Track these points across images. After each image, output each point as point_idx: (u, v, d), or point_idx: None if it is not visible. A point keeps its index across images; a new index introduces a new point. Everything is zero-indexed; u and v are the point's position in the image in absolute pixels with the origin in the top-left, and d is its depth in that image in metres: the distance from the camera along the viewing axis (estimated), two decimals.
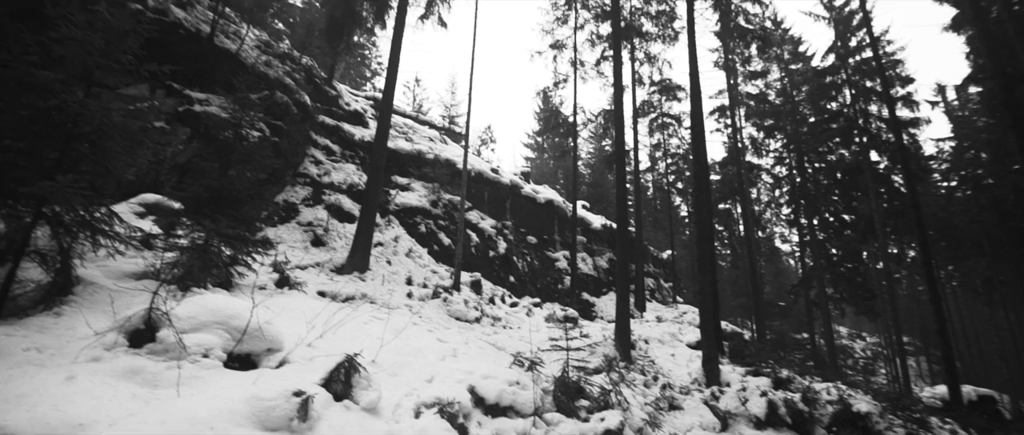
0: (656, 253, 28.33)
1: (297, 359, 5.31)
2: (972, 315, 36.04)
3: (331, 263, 12.43)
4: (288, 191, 14.95)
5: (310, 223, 14.16)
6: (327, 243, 13.72)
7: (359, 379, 4.87)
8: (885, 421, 8.62)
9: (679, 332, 15.36)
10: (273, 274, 9.81)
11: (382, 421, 4.67)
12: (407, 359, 6.61)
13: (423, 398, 5.42)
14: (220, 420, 3.53)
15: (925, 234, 17.50)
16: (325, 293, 9.98)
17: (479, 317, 12.07)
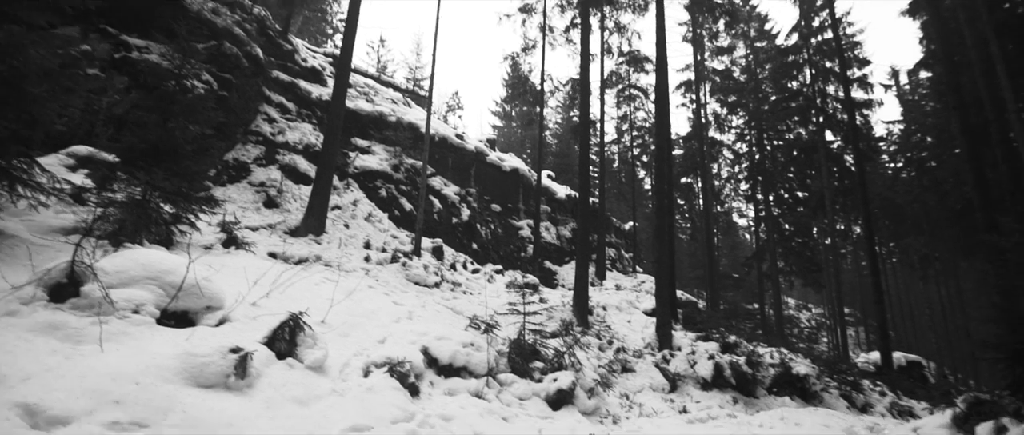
0: (619, 224, 28.81)
1: (239, 318, 5.10)
2: (908, 289, 38.60)
3: (285, 225, 12.01)
4: (239, 149, 14.24)
5: (263, 183, 13.58)
6: (281, 205, 13.23)
7: (305, 338, 4.73)
8: (821, 383, 9.15)
9: (636, 300, 15.76)
10: (220, 234, 9.39)
11: (328, 379, 4.56)
12: (359, 320, 6.49)
13: (373, 358, 5.33)
14: (147, 375, 3.34)
15: (870, 211, 18.39)
16: (276, 255, 9.65)
17: (439, 282, 12.00)
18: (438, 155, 19.74)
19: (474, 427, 4.82)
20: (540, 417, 6.06)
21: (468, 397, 5.69)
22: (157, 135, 7.92)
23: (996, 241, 5.17)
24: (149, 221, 7.14)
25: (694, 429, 5.89)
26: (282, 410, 3.76)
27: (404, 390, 5.04)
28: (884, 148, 35.06)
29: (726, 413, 7.50)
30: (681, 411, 7.73)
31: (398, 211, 16.43)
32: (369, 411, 4.23)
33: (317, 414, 3.89)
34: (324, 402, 4.11)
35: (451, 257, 15.55)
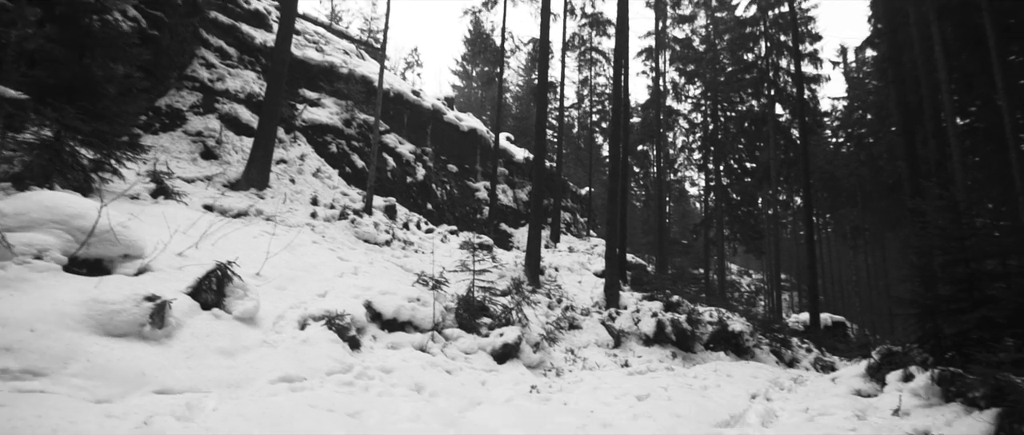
0: (575, 189, 29.08)
1: (162, 268, 4.76)
2: (839, 257, 41.41)
3: (224, 178, 11.32)
4: (173, 96, 13.19)
5: (200, 133, 12.69)
6: (220, 156, 12.44)
7: (234, 288, 4.48)
8: (754, 339, 9.70)
9: (588, 262, 16.08)
10: (149, 184, 8.76)
11: (259, 331, 4.37)
12: (299, 274, 6.24)
13: (311, 311, 5.15)
14: (45, 322, 3.05)
15: (810, 183, 19.33)
16: (213, 207, 9.10)
17: (390, 240, 11.76)
18: (393, 112, 19.05)
19: (415, 378, 4.78)
20: (485, 370, 6.11)
21: (412, 351, 5.64)
22: (72, 72, 7.18)
23: (920, 204, 5.49)
24: (63, 165, 6.51)
25: (633, 380, 6.11)
26: (204, 360, 3.56)
27: (343, 343, 4.92)
28: (828, 123, 36.73)
29: (665, 366, 7.83)
30: (623, 365, 8.01)
31: (349, 168, 15.85)
32: (302, 362, 4.09)
33: (244, 365, 3.71)
34: (253, 353, 3.93)
35: (404, 216, 15.24)
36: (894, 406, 4.42)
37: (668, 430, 4.05)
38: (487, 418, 4.04)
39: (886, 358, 5.48)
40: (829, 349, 12.97)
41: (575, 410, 4.62)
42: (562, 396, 5.37)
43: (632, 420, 4.25)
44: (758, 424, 4.56)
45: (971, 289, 4.82)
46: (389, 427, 3.27)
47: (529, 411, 4.33)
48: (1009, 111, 11.51)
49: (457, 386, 4.98)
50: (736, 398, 5.42)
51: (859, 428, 3.82)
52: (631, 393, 5.15)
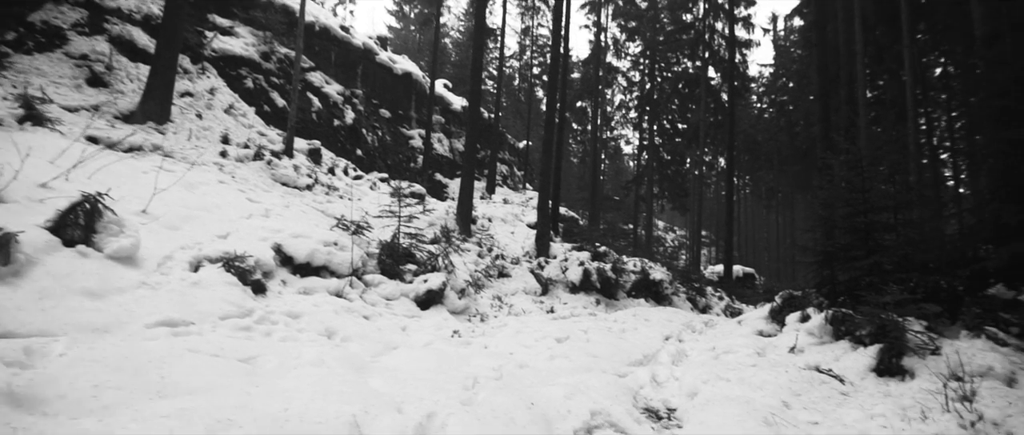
0: (513, 142, 28.82)
1: (19, 199, 4.05)
2: (754, 215, 44.71)
3: (115, 108, 9.96)
4: (51, 10, 11.25)
5: (85, 56, 10.99)
6: (111, 84, 10.90)
7: (106, 224, 3.89)
8: (673, 287, 10.19)
9: (522, 214, 16.10)
10: (17, 109, 7.50)
11: (139, 271, 3.86)
12: (198, 214, 5.62)
13: (207, 252, 4.65)
14: None
15: (734, 144, 20.27)
16: (98, 139, 7.98)
17: (312, 185, 11.02)
18: (319, 48, 17.56)
19: (327, 324, 4.49)
20: (407, 316, 5.92)
21: (326, 296, 5.30)
22: None
23: (830, 158, 5.77)
24: None
25: (556, 324, 6.18)
26: (63, 302, 3.07)
27: (245, 287, 4.50)
28: (755, 89, 38.59)
29: (588, 312, 8.04)
30: (549, 311, 8.12)
31: (268, 106, 14.55)
32: (191, 306, 3.67)
33: (115, 308, 3.25)
34: (127, 296, 3.46)
35: (330, 161, 14.35)
36: (791, 344, 4.74)
37: (583, 369, 4.09)
38: (401, 362, 3.87)
39: (787, 302, 5.87)
40: (739, 297, 14.01)
41: (495, 353, 4.56)
42: (484, 340, 5.32)
43: (549, 361, 4.25)
44: (669, 363, 4.73)
45: (867, 239, 5.18)
46: (287, 373, 3.00)
47: (447, 354, 4.21)
48: (912, 86, 12.47)
49: (373, 331, 4.76)
50: (651, 340, 5.62)
51: (759, 364, 4.04)
52: (551, 336, 5.18)
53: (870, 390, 3.48)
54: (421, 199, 14.67)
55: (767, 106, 38.90)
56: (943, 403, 2.86)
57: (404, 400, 2.54)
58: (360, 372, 3.32)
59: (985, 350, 3.46)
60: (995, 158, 4.03)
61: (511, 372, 3.75)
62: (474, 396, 2.79)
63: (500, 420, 2.44)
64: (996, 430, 2.57)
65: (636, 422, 2.98)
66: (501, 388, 3.02)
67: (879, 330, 3.98)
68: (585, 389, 3.30)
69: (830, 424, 2.82)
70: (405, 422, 2.23)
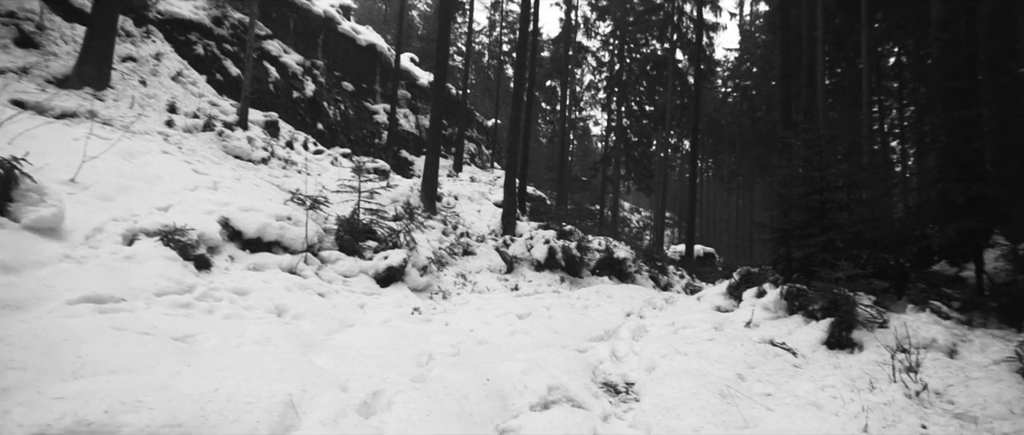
0: (482, 119, 28.43)
1: None
2: (715, 197, 45.99)
3: (47, 72, 9.16)
4: None
5: (12, 14, 10.02)
6: (42, 45, 10.00)
7: (24, 192, 3.53)
8: (636, 266, 10.32)
9: (489, 192, 15.93)
10: None
11: (62, 244, 3.53)
12: (136, 184, 5.22)
13: (144, 225, 4.32)
14: None
15: (698, 126, 20.59)
16: (25, 104, 7.32)
17: (268, 158, 10.52)
18: (277, 14, 16.66)
19: (277, 301, 4.27)
20: (365, 293, 5.73)
21: (278, 273, 5.06)
22: None
23: (787, 136, 5.85)
24: None
25: (519, 301, 6.13)
26: None
27: (186, 262, 4.21)
28: (720, 73, 39.29)
29: (552, 289, 8.03)
30: (513, 288, 8.08)
31: (221, 75, 13.75)
32: (122, 282, 3.39)
33: (32, 282, 2.96)
34: (47, 269, 3.15)
35: (289, 135, 13.75)
36: (746, 319, 4.83)
37: (544, 345, 4.04)
38: (355, 339, 3.71)
39: (744, 278, 5.99)
40: (699, 276, 14.38)
41: (455, 330, 4.46)
42: (445, 317, 5.21)
43: (509, 337, 4.18)
44: (629, 338, 4.75)
45: (821, 217, 5.30)
46: (227, 352, 2.80)
47: (404, 331, 4.08)
48: (867, 73, 12.86)
49: (328, 309, 4.57)
50: (612, 316, 5.64)
51: (715, 338, 4.09)
52: (513, 313, 5.12)
53: (821, 362, 3.56)
54: (385, 176, 14.30)
55: (731, 90, 39.73)
56: (890, 374, 2.94)
57: (351, 378, 2.40)
58: (308, 350, 3.16)
59: (929, 323, 3.59)
60: (947, 137, 4.15)
61: (469, 349, 3.65)
62: (427, 373, 2.68)
63: (452, 397, 2.34)
64: (938, 399, 2.65)
65: (594, 396, 2.94)
66: (457, 364, 2.91)
67: (831, 305, 4.08)
68: (544, 364, 3.24)
69: (782, 395, 2.86)
70: (347, 401, 2.10)
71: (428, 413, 2.06)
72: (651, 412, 2.61)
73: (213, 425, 1.75)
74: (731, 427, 2.41)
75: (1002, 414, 2.39)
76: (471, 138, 26.02)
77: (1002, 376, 2.70)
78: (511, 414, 2.47)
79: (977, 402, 2.56)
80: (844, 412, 2.36)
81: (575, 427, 2.25)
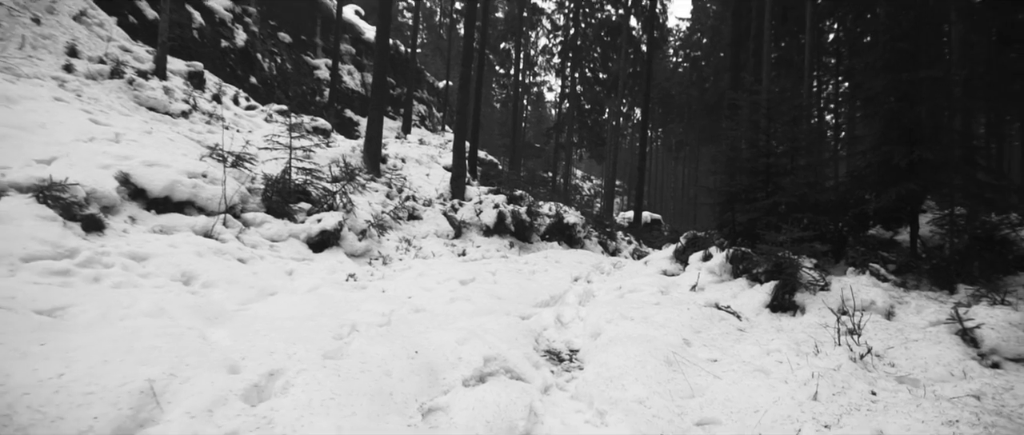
0: (433, 80, 27.36)
1: None
2: (663, 166, 47.24)
3: None
4: None
5: None
6: None
7: None
8: (586, 231, 10.26)
9: (439, 156, 15.36)
10: None
11: None
12: (10, 133, 4.44)
13: (16, 179, 3.66)
14: None
15: (649, 92, 20.66)
16: None
17: (189, 111, 9.52)
18: None
19: (185, 267, 3.77)
20: (296, 259, 5.27)
21: (191, 236, 4.50)
22: None
23: (737, 98, 5.76)
24: None
25: (464, 266, 5.86)
26: None
27: (70, 223, 3.61)
28: (672, 42, 39.68)
29: (500, 255, 7.81)
30: (461, 254, 7.79)
31: (134, 17, 12.24)
32: None
33: None
34: None
35: (216, 88, 12.54)
36: (692, 282, 4.78)
37: (485, 312, 3.80)
38: (274, 310, 3.32)
39: (691, 242, 5.98)
40: (646, 242, 14.64)
41: (391, 297, 4.13)
42: (382, 284, 4.86)
43: (449, 304, 3.91)
44: (576, 303, 4.60)
45: (767, 181, 5.29)
46: (105, 328, 2.35)
47: (333, 300, 3.71)
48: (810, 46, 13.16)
49: (247, 276, 4.11)
50: (560, 281, 5.49)
51: (662, 302, 4.00)
52: (456, 279, 4.84)
53: (764, 325, 3.52)
54: (326, 135, 13.45)
55: (682, 60, 40.28)
56: (834, 337, 2.90)
57: (247, 356, 2.04)
58: (212, 323, 2.75)
59: (869, 286, 3.61)
60: (893, 100, 4.16)
61: (403, 318, 3.35)
62: (344, 347, 2.36)
63: (370, 375, 2.04)
64: (880, 362, 2.63)
65: (534, 367, 2.73)
66: (383, 336, 2.61)
67: (775, 268, 4.06)
68: (483, 333, 3.00)
69: (729, 361, 2.76)
70: (232, 384, 1.75)
71: (333, 396, 1.76)
72: (594, 382, 2.43)
73: (33, 423, 1.36)
74: (677, 396, 2.26)
75: (943, 376, 2.38)
76: (421, 99, 25.03)
77: (941, 338, 2.71)
78: (440, 390, 2.21)
79: (918, 364, 2.55)
80: (793, 379, 2.26)
81: (510, 403, 2.02)
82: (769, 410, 2.02)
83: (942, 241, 4.32)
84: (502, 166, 24.49)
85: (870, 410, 1.96)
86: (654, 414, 2.06)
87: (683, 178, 42.45)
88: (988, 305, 2.97)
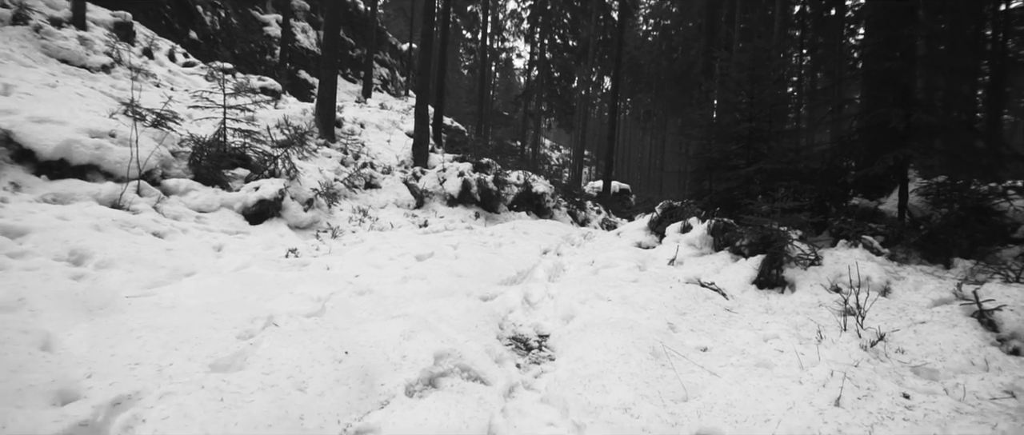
0: (396, 42, 25.98)
1: None
2: (631, 137, 47.29)
3: None
4: None
5: None
6: None
7: None
8: (555, 200, 9.84)
9: (401, 121, 14.53)
10: None
11: None
12: None
13: None
14: None
15: (621, 58, 20.14)
16: None
17: (111, 65, 8.43)
18: None
19: (75, 244, 3.11)
20: (228, 232, 4.62)
21: (92, 206, 3.79)
22: None
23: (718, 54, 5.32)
24: None
25: (424, 239, 5.33)
26: None
27: None
28: (642, 9, 39.04)
29: (465, 226, 7.31)
30: (422, 225, 7.24)
31: None
32: None
33: None
34: None
35: (147, 41, 11.27)
36: (670, 256, 4.43)
37: (443, 293, 3.31)
38: (185, 294, 2.74)
39: (667, 212, 5.63)
40: (615, 212, 14.41)
41: (335, 276, 3.59)
42: (328, 259, 4.29)
43: (401, 284, 3.40)
44: (545, 279, 4.18)
45: (749, 147, 4.93)
46: None
47: (263, 281, 3.14)
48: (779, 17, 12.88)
49: (159, 254, 3.47)
50: (528, 254, 5.04)
51: (640, 279, 3.62)
52: (412, 253, 4.31)
53: (752, 304, 3.19)
54: (276, 96, 12.43)
55: (652, 29, 39.80)
56: (839, 321, 2.57)
57: (97, 372, 1.50)
58: (88, 316, 2.16)
59: (863, 260, 3.31)
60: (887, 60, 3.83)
61: (342, 303, 2.83)
62: (248, 351, 1.83)
63: (273, 392, 1.53)
64: (888, 347, 2.31)
65: (497, 362, 2.29)
66: (307, 331, 2.09)
67: (761, 241, 3.72)
68: (436, 321, 2.53)
69: (722, 350, 2.40)
70: (41, 430, 1.22)
71: (204, 432, 1.25)
72: (569, 382, 2.00)
73: None
74: (669, 400, 1.87)
75: (963, 366, 2.06)
76: (383, 62, 23.73)
77: (956, 320, 2.41)
78: (376, 402, 1.73)
79: (932, 351, 2.24)
80: (809, 379, 1.89)
81: (462, 425, 1.57)
82: (783, 419, 1.65)
83: (931, 211, 4.08)
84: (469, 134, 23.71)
85: (907, 419, 1.61)
86: (643, 427, 1.65)
87: (650, 148, 42.61)
88: (1002, 283, 2.69)
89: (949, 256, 3.45)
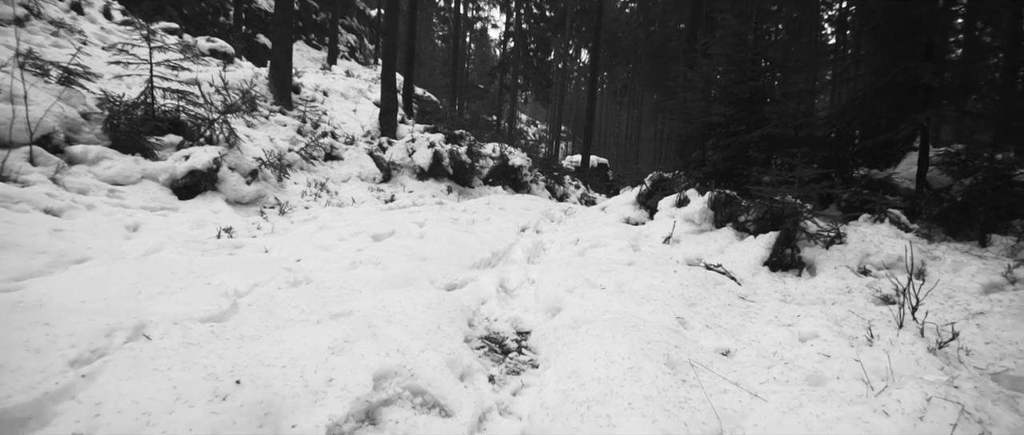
0: (363, 7, 24.56)
1: None
2: (608, 111, 46.83)
3: None
4: None
5: None
6: None
7: None
8: (532, 174, 9.27)
9: (368, 90, 13.59)
10: None
11: None
12: None
13: None
14: None
15: (600, 27, 19.41)
16: None
17: (26, 17, 7.35)
18: None
19: None
20: (150, 208, 3.90)
21: None
22: None
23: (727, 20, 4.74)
24: None
25: (386, 216, 4.71)
26: None
27: None
28: None
29: (436, 201, 6.69)
30: (388, 200, 6.58)
31: None
32: None
33: None
34: None
35: None
36: (665, 234, 3.93)
37: (401, 281, 2.73)
38: (63, 286, 2.09)
39: (657, 185, 5.12)
40: (593, 187, 13.94)
41: (271, 260, 2.96)
42: (269, 241, 3.64)
43: (349, 270, 2.80)
44: (524, 260, 3.64)
45: (750, 110, 4.42)
46: None
47: (173, 268, 2.50)
48: None
49: (43, 237, 2.77)
50: (504, 232, 4.48)
51: (636, 261, 3.12)
52: (368, 232, 3.69)
53: (766, 290, 2.71)
54: (228, 59, 11.37)
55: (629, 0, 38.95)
56: (896, 314, 2.10)
57: None
58: None
59: (891, 237, 2.87)
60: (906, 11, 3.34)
61: (266, 298, 2.22)
62: (82, 384, 1.21)
63: None
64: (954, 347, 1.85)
65: (462, 378, 1.74)
66: (193, 345, 1.49)
67: (771, 216, 3.24)
68: (384, 322, 1.96)
69: (748, 352, 1.91)
70: None
71: None
72: (560, 409, 1.47)
73: None
74: None
75: None
76: (350, 28, 22.40)
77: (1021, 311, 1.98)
78: None
79: (1007, 352, 1.79)
80: (897, 408, 1.38)
81: None
82: None
83: (950, 182, 3.66)
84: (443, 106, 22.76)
85: None
86: None
87: (627, 123, 42.26)
88: None
89: (980, 231, 3.04)
